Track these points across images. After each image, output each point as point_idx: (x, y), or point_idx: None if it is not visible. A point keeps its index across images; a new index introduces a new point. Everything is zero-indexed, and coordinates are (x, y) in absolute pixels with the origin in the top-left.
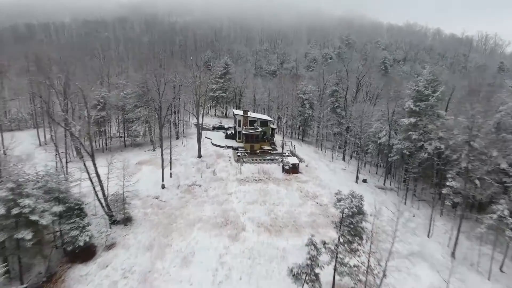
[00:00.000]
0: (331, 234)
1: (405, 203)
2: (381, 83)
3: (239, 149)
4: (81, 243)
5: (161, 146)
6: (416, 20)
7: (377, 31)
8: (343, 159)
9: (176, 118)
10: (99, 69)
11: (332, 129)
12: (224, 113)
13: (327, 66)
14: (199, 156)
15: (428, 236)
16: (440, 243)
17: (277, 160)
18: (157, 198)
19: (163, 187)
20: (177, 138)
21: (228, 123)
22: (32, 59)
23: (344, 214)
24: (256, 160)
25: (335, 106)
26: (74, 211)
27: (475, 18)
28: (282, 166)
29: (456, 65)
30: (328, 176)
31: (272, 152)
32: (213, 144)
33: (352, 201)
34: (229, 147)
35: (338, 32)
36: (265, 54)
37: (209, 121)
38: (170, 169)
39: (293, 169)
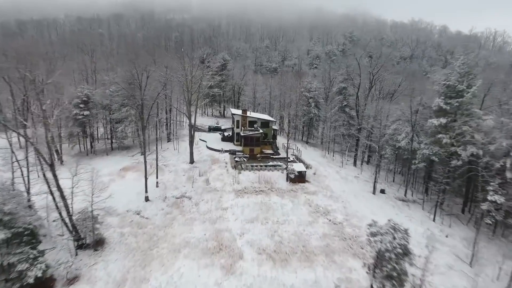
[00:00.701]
0: (351, 264)
1: (433, 219)
2: (398, 78)
3: (237, 153)
4: (31, 280)
5: (144, 151)
6: (421, 17)
7: (381, 28)
8: (354, 164)
9: (168, 118)
10: (85, 65)
11: (340, 130)
12: (222, 112)
13: (332, 62)
14: (191, 161)
15: (470, 265)
16: (489, 276)
17: (280, 166)
18: (138, 214)
19: (146, 199)
20: (169, 140)
21: (225, 123)
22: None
23: (380, 254)
24: (257, 166)
25: (343, 105)
26: (23, 237)
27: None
28: (287, 174)
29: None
30: (340, 185)
31: (274, 157)
32: (208, 147)
33: (394, 238)
34: (226, 151)
35: (341, 30)
36: (265, 51)
37: (205, 121)
38: (157, 177)
39: (300, 178)
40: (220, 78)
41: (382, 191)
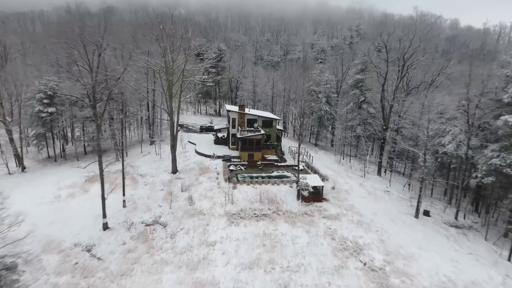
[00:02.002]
0: None
1: (509, 258)
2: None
3: (232, 160)
4: None
5: (99, 160)
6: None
7: (389, 21)
8: (378, 173)
9: (151, 115)
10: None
11: (357, 131)
12: (217, 110)
13: (340, 56)
14: (174, 170)
15: None
16: None
17: (288, 178)
18: (89, 251)
19: (105, 227)
20: (152, 143)
21: (221, 123)
22: None
23: None
24: (257, 178)
25: (360, 100)
26: None
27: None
28: (298, 190)
29: (487, 56)
30: (368, 205)
31: (279, 164)
32: (197, 152)
33: None
34: (219, 157)
35: (346, 23)
36: (266, 45)
37: (198, 120)
38: (123, 194)
39: (315, 195)
40: (214, 70)
41: (426, 213)
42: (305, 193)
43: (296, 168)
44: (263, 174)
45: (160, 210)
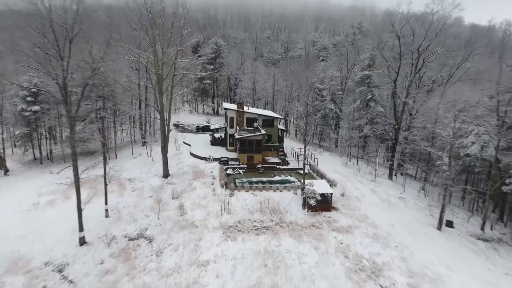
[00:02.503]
0: None
1: None
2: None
3: (230, 162)
4: None
5: (74, 164)
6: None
7: (391, 19)
8: (390, 177)
9: (142, 114)
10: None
11: (363, 131)
12: (215, 109)
13: (341, 54)
14: (165, 175)
15: None
16: None
17: (291, 183)
18: (60, 272)
19: (82, 242)
20: (144, 144)
21: (219, 122)
22: None
23: None
24: (257, 184)
25: (367, 98)
26: None
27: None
28: (304, 198)
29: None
30: (383, 214)
31: (282, 167)
32: (191, 154)
33: None
34: (215, 160)
35: (348, 21)
36: (266, 42)
37: (195, 119)
38: (106, 202)
39: (324, 204)
40: (212, 67)
41: (450, 224)
42: (312, 202)
43: (301, 172)
44: (264, 179)
45: (146, 221)
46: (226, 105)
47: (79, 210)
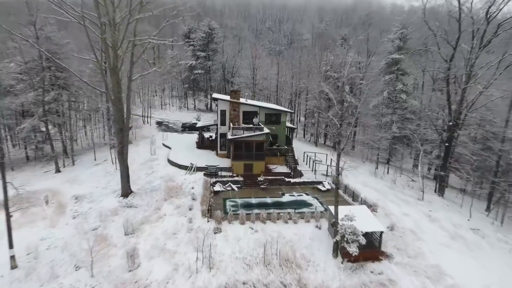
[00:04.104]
0: None
1: None
2: None
3: (219, 173)
4: None
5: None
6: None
7: (399, 13)
8: (440, 192)
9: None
10: None
11: (392, 129)
12: (208, 105)
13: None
14: (125, 193)
15: None
16: None
17: (309, 206)
18: None
19: None
20: (113, 146)
21: (211, 120)
22: None
23: None
24: (259, 210)
25: (396, 88)
26: None
27: None
28: (337, 243)
29: None
30: (464, 264)
31: (292, 180)
32: (169, 161)
33: None
34: (200, 169)
35: (355, 13)
36: (268, 33)
37: (183, 116)
38: (10, 245)
39: (369, 250)
40: (204, 54)
41: None
42: (354, 250)
43: (320, 187)
44: (268, 200)
45: (72, 279)
46: (217, 95)
47: None
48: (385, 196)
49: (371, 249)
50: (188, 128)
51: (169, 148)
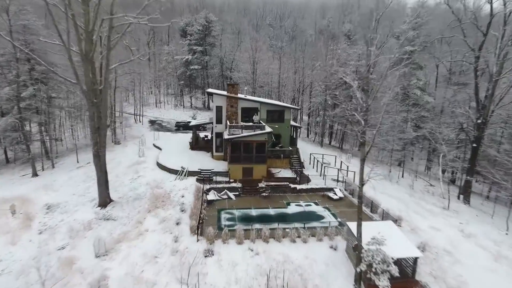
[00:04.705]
0: None
1: None
2: None
3: (214, 179)
4: None
5: None
6: None
7: (404, 10)
8: (466, 199)
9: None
10: None
11: (406, 129)
12: (206, 103)
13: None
14: (103, 202)
15: None
16: None
17: (321, 219)
18: None
19: None
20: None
21: (209, 118)
22: None
23: None
24: (260, 225)
25: (410, 83)
26: None
27: None
28: (360, 273)
29: None
30: None
31: (298, 186)
32: (158, 164)
33: None
34: (191, 174)
35: (359, 10)
36: (268, 29)
37: (179, 115)
38: None
39: (399, 281)
40: (201, 49)
41: None
42: (385, 283)
43: (332, 195)
44: (271, 211)
45: None
46: (212, 90)
47: None
48: (407, 206)
49: (402, 279)
50: (182, 127)
51: (160, 149)
